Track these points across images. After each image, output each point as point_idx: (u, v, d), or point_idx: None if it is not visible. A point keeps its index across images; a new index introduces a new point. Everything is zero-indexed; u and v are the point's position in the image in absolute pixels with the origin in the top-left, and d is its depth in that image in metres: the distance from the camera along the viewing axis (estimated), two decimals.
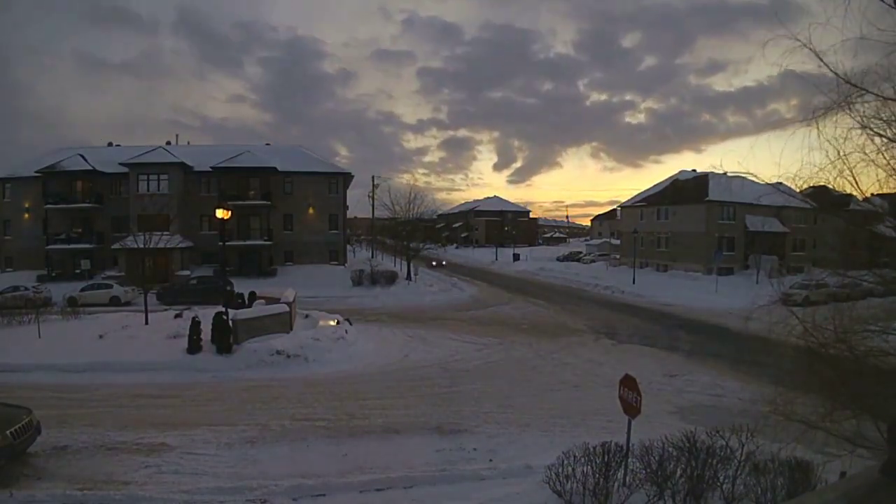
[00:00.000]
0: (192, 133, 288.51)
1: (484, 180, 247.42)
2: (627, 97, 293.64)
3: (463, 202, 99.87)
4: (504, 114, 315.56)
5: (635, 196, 45.06)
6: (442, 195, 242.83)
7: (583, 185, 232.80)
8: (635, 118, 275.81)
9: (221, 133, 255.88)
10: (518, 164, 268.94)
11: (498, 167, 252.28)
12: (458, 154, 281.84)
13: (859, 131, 4.49)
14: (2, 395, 9.94)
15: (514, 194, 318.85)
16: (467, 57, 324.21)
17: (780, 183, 5.62)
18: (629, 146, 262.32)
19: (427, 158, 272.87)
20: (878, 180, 4.64)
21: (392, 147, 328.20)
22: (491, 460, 8.65)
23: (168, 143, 40.00)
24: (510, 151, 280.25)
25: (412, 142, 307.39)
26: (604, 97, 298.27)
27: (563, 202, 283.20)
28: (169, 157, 34.62)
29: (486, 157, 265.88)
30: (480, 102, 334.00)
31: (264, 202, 34.91)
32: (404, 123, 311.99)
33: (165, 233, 27.19)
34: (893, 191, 4.96)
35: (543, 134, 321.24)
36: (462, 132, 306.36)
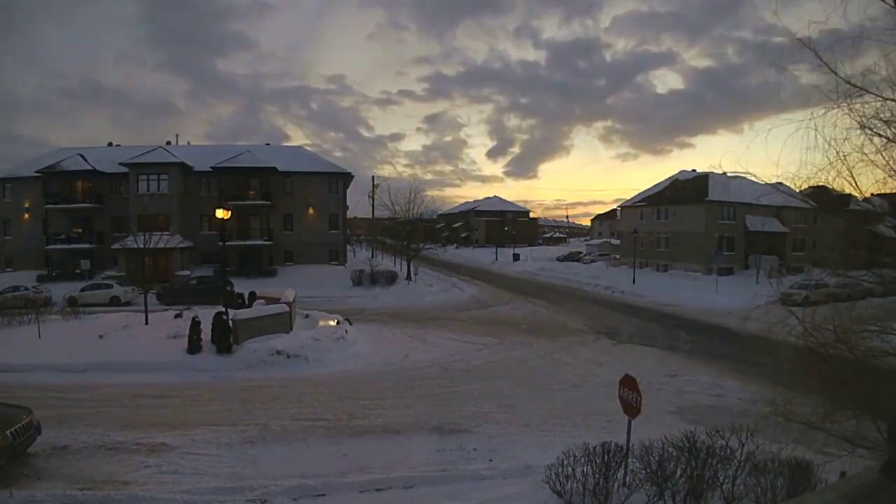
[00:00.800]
0: (83, 109, 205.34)
1: (479, 170, 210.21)
2: (665, 45, 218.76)
3: (463, 202, 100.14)
4: (494, 77, 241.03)
5: (635, 196, 45.13)
6: (434, 192, 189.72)
7: (591, 177, 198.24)
8: (667, 83, 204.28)
9: (122, 108, 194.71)
10: (516, 151, 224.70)
11: (493, 154, 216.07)
12: (443, 138, 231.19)
13: (859, 131, 4.49)
14: (2, 395, 9.96)
15: (514, 193, 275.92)
16: None
17: (780, 183, 5.63)
18: (653, 124, 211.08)
19: (406, 146, 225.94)
20: (878, 180, 4.64)
21: (357, 127, 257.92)
22: (491, 460, 8.64)
23: (168, 142, 40.10)
24: (506, 133, 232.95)
25: (380, 120, 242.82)
26: (631, 45, 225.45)
27: (564, 201, 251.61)
28: (169, 157, 34.63)
29: (478, 142, 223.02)
30: (460, 59, 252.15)
31: (264, 202, 34.91)
32: (364, 96, 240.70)
33: (165, 233, 27.32)
34: (893, 191, 4.96)
35: (545, 107, 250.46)
36: (442, 106, 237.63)
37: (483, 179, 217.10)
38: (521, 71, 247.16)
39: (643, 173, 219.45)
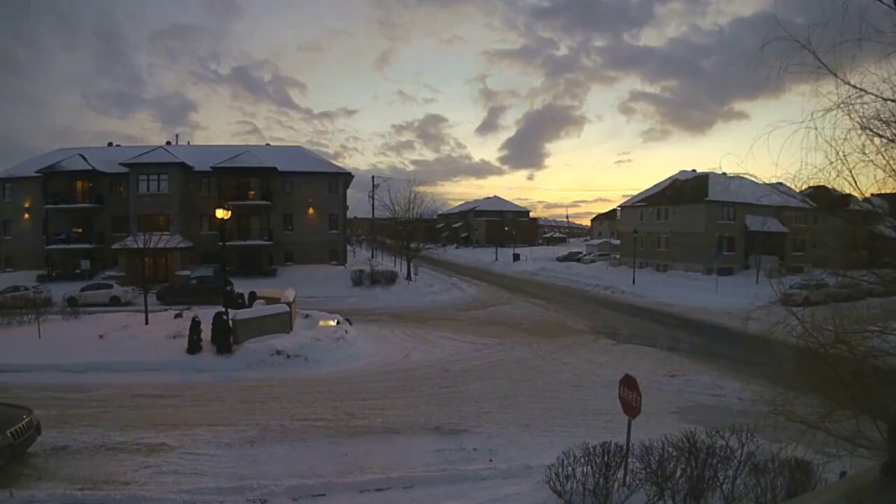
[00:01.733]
0: None
1: (469, 158, 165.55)
2: None
3: (463, 202, 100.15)
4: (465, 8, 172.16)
5: (635, 196, 45.17)
6: (425, 188, 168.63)
7: (605, 167, 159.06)
8: (724, 14, 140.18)
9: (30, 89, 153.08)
10: (510, 128, 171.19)
11: (483, 131, 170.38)
12: (411, 111, 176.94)
13: (859, 132, 4.49)
14: (2, 395, 9.97)
15: (514, 192, 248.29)
16: None
17: (781, 183, 5.62)
18: (699, 79, 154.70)
19: (367, 124, 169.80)
20: (878, 181, 4.64)
21: (287, 91, 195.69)
22: (491, 460, 8.65)
23: (168, 143, 40.13)
24: (494, 100, 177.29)
25: (315, 81, 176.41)
26: None
27: (564, 202, 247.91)
28: (169, 157, 34.63)
29: (461, 118, 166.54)
30: None
31: (264, 202, 34.92)
32: (279, 44, 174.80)
33: (165, 233, 27.29)
34: (893, 191, 4.96)
35: (550, 54, 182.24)
36: (392, 47, 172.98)
37: (477, 172, 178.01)
38: None
39: (665, 162, 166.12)
